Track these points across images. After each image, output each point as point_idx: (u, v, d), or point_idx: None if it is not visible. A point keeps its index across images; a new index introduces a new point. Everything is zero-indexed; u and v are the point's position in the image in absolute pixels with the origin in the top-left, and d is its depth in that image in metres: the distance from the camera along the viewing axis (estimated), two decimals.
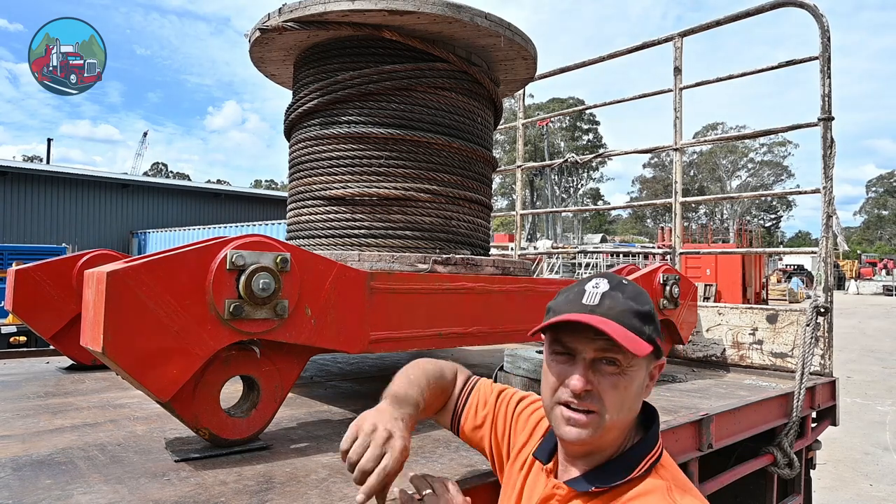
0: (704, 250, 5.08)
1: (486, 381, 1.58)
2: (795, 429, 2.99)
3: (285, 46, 3.04)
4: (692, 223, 54.96)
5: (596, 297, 1.15)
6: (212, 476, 1.62)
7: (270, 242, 1.82)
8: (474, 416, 1.50)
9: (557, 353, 1.18)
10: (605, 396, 1.13)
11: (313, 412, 2.42)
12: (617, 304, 1.14)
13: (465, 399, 1.53)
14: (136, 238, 24.84)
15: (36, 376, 3.04)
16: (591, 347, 1.13)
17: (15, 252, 10.76)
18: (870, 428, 7.92)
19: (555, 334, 1.18)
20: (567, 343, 1.16)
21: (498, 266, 2.81)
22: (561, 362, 1.17)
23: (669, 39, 4.34)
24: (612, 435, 1.16)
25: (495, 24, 2.81)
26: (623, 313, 1.13)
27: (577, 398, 1.13)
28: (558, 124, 62.06)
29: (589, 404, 1.13)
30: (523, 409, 1.46)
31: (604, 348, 1.13)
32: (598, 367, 1.14)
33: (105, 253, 3.07)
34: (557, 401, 1.16)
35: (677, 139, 4.28)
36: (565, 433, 1.16)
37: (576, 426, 1.14)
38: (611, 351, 1.12)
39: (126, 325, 1.55)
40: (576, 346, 1.15)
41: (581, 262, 27.90)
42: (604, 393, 1.13)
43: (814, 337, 3.30)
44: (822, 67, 3.58)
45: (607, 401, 1.13)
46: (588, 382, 1.13)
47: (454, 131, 2.97)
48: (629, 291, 1.18)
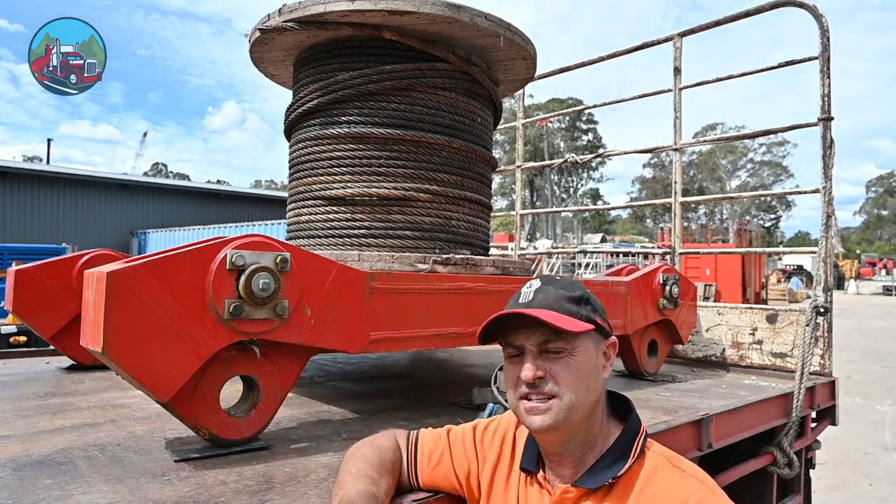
0: (704, 250, 5.08)
1: (427, 430, 1.51)
2: (795, 429, 2.99)
3: (285, 46, 3.04)
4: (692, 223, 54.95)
5: (530, 295, 1.26)
6: (212, 476, 1.62)
7: (270, 242, 1.82)
8: (429, 458, 1.44)
9: (511, 355, 1.26)
10: (559, 378, 1.19)
11: (313, 412, 2.42)
12: (548, 295, 1.24)
13: (415, 450, 1.46)
14: (136, 238, 24.83)
15: (36, 376, 3.04)
16: (534, 339, 1.21)
17: (15, 252, 10.74)
18: (869, 428, 7.92)
19: (504, 338, 1.27)
20: (514, 342, 1.25)
21: (498, 266, 2.82)
22: (515, 362, 1.25)
23: (669, 39, 4.34)
24: (577, 416, 1.20)
25: (495, 25, 2.81)
26: (556, 301, 1.23)
27: (532, 387, 1.20)
28: (558, 124, 62.06)
29: (545, 390, 1.20)
30: (483, 430, 1.45)
31: (545, 339, 1.21)
32: (546, 355, 1.21)
33: (105, 253, 3.08)
34: (518, 397, 1.23)
35: (677, 139, 4.29)
36: (531, 423, 1.21)
37: (538, 413, 1.19)
38: (553, 339, 1.20)
39: (126, 325, 1.55)
40: (521, 343, 1.23)
41: (581, 262, 27.88)
42: (557, 376, 1.20)
43: (813, 337, 3.30)
44: (821, 67, 3.58)
45: (562, 382, 1.19)
46: (538, 369, 1.20)
47: (454, 131, 2.97)
48: (560, 283, 1.29)
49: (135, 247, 24.43)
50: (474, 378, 3.34)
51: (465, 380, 3.29)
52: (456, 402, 2.64)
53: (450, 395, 2.76)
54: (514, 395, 1.24)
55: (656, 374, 3.51)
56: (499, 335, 1.29)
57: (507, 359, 1.28)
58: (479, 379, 3.24)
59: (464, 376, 3.46)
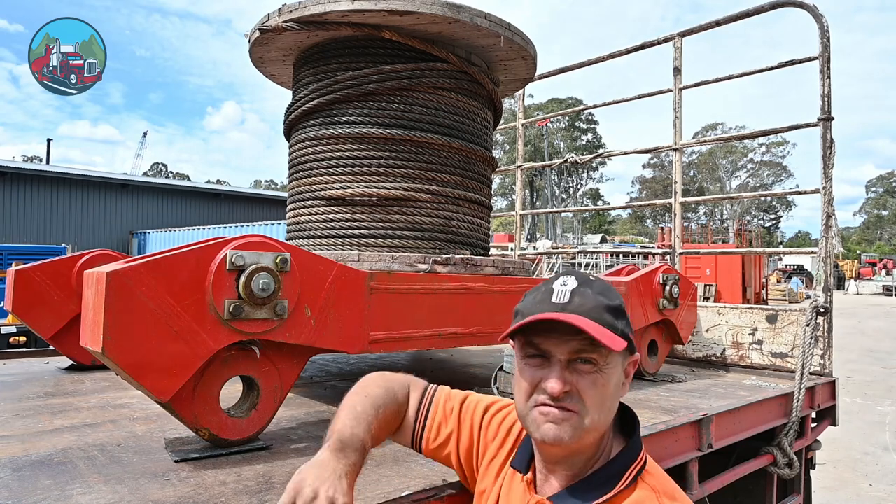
0: (704, 250, 5.09)
1: (445, 391, 1.43)
2: (795, 429, 2.99)
3: (285, 47, 3.04)
4: (692, 223, 54.98)
5: (565, 295, 1.10)
6: (212, 476, 1.62)
7: (270, 242, 1.82)
8: (436, 434, 1.38)
9: (530, 356, 1.13)
10: (586, 396, 1.08)
11: (313, 412, 2.42)
12: (587, 300, 1.09)
13: (424, 418, 1.39)
14: (135, 238, 24.83)
15: (36, 376, 3.03)
16: (566, 348, 1.08)
17: (15, 252, 10.75)
18: (869, 428, 7.92)
19: (526, 337, 1.13)
20: (540, 345, 1.11)
21: (498, 266, 2.81)
22: (534, 366, 1.11)
23: (669, 40, 4.34)
24: (591, 437, 1.11)
25: (495, 25, 2.81)
26: (595, 309, 1.08)
27: (554, 401, 1.08)
28: (557, 124, 62.08)
29: (568, 405, 1.08)
30: (492, 416, 1.37)
31: (579, 348, 1.08)
32: (574, 367, 1.09)
33: (105, 253, 3.08)
34: (533, 405, 1.11)
35: (677, 139, 4.29)
36: (544, 432, 1.09)
37: (554, 422, 1.08)
38: (586, 350, 1.08)
39: (126, 326, 1.55)
40: (549, 348, 1.10)
41: (581, 263, 27.88)
42: (583, 392, 1.08)
43: (813, 337, 3.30)
44: (821, 67, 3.58)
45: (588, 400, 1.08)
46: (566, 383, 1.08)
47: (454, 131, 2.97)
48: (598, 287, 1.13)
49: (135, 247, 24.43)
50: (474, 378, 3.34)
51: (465, 380, 3.28)
52: None
53: None
54: (527, 402, 1.12)
55: (656, 374, 3.51)
56: (517, 333, 1.14)
57: (523, 359, 1.14)
58: (480, 379, 3.24)
59: (464, 376, 3.46)
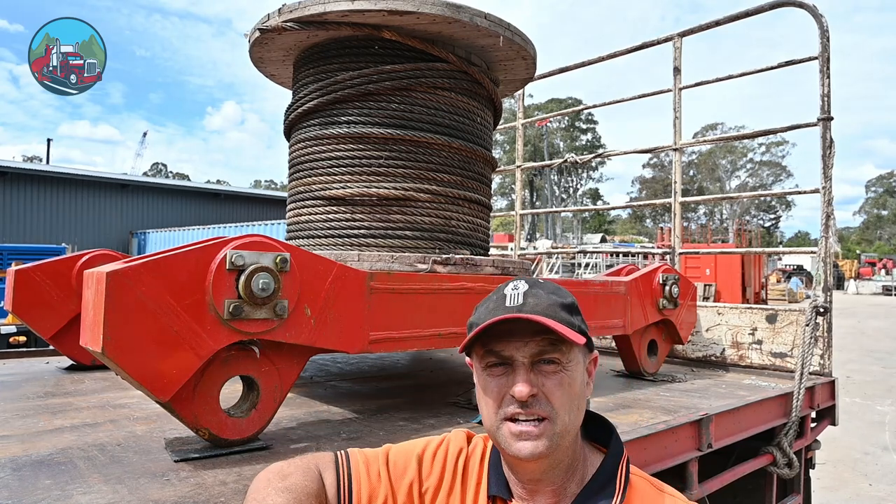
0: (704, 250, 5.09)
1: (360, 456, 1.20)
2: (795, 429, 2.99)
3: (285, 46, 3.04)
4: (691, 223, 55.00)
5: (518, 298, 1.09)
6: (211, 476, 1.62)
7: (270, 242, 1.82)
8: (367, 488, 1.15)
9: (492, 365, 1.09)
10: (553, 398, 1.05)
11: (313, 412, 2.42)
12: (541, 300, 1.08)
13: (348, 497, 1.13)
14: (135, 238, 24.82)
15: (36, 376, 3.04)
16: (527, 350, 1.06)
17: (15, 252, 10.74)
18: (869, 428, 7.92)
19: (485, 347, 1.10)
20: (501, 351, 1.08)
21: (497, 266, 2.82)
22: (498, 375, 1.08)
23: (669, 39, 4.34)
24: (565, 441, 1.07)
25: (495, 25, 2.81)
26: (550, 307, 1.07)
27: (523, 407, 1.04)
28: (557, 124, 62.08)
29: (538, 410, 1.05)
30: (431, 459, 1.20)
31: (540, 349, 1.06)
32: (538, 369, 1.07)
33: (105, 253, 3.08)
34: (503, 417, 1.07)
35: (677, 139, 4.29)
36: (519, 450, 1.04)
37: (528, 439, 1.04)
38: (548, 350, 1.06)
39: (126, 325, 1.55)
40: (511, 353, 1.07)
41: (580, 262, 27.88)
42: (550, 394, 1.05)
43: (813, 337, 3.30)
44: (821, 67, 3.58)
45: (556, 402, 1.05)
46: (533, 386, 1.04)
47: (454, 131, 2.97)
48: (549, 287, 1.13)
49: (134, 247, 24.42)
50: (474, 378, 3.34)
51: (465, 380, 3.28)
52: (455, 402, 2.64)
53: (450, 395, 2.77)
54: (496, 416, 1.07)
55: (656, 374, 3.52)
56: (475, 344, 1.10)
57: (484, 370, 1.10)
58: None
59: (464, 376, 3.46)
